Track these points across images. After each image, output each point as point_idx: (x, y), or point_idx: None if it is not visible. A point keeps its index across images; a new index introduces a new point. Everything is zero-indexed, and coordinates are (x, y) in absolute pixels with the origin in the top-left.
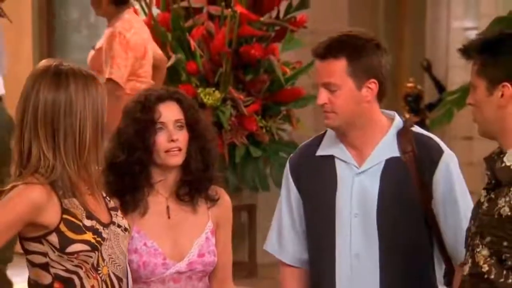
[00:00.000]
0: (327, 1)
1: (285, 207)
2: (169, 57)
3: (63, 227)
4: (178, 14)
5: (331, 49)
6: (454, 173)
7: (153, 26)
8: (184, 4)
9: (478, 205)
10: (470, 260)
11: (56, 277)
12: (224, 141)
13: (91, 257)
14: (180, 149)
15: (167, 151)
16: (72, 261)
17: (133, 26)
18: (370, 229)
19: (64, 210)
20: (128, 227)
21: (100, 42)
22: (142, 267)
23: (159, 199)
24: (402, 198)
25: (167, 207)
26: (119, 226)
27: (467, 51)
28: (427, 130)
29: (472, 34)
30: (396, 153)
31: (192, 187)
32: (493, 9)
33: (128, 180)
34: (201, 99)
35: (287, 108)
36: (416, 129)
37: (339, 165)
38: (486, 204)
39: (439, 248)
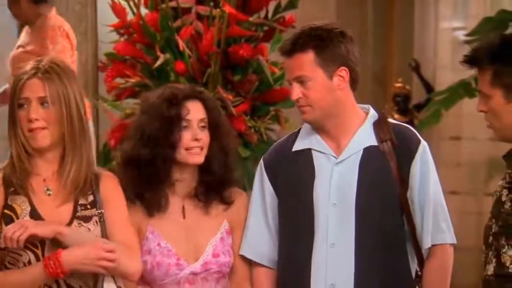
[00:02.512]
0: (316, 1)
1: (259, 210)
2: (157, 57)
3: (2, 222)
4: (166, 14)
5: (297, 43)
6: (430, 162)
7: (142, 26)
8: (173, 4)
9: (498, 203)
10: (494, 260)
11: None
12: None
13: (20, 255)
14: (202, 148)
15: (188, 149)
16: (6, 257)
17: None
18: (348, 218)
19: (6, 206)
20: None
21: (24, 41)
22: (156, 268)
23: (175, 199)
24: (381, 187)
25: (183, 207)
26: None
27: (475, 60)
28: (416, 130)
29: (460, 34)
30: (374, 142)
31: (210, 188)
32: (481, 9)
33: (149, 176)
34: None
35: (276, 108)
36: (391, 120)
37: (316, 157)
38: (509, 204)
39: (411, 237)
